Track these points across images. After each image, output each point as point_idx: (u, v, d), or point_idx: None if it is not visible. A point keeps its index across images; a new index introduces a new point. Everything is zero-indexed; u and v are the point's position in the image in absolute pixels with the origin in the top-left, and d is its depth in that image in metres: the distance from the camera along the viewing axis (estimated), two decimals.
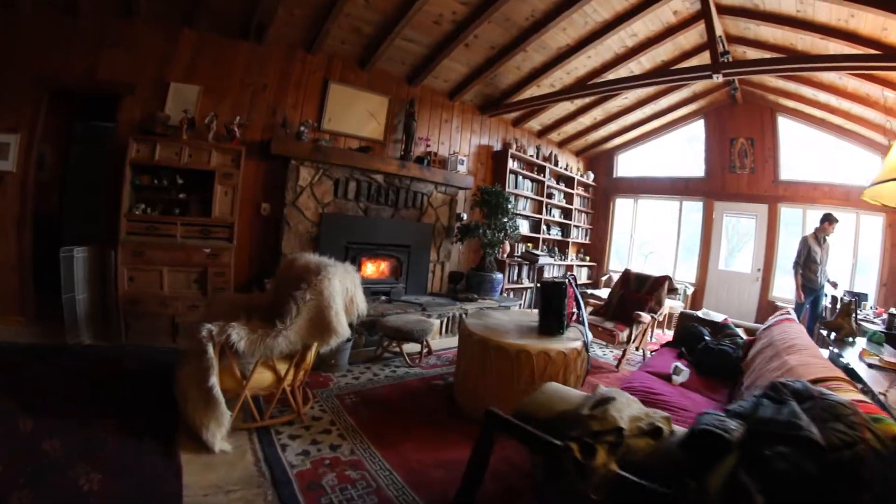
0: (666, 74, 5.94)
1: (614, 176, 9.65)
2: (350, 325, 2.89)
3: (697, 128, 8.47)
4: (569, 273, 4.83)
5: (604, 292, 7.20)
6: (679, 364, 3.11)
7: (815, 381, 1.81)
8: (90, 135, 5.37)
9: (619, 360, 4.77)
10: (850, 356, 3.17)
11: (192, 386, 2.42)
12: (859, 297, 5.46)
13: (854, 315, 3.93)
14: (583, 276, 9.26)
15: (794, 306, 5.75)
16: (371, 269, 5.56)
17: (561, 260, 8.38)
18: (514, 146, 7.37)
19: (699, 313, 4.51)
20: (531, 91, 6.54)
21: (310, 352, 2.80)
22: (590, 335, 3.65)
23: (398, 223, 5.64)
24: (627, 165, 9.67)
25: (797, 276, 5.81)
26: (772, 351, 2.75)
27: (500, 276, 6.40)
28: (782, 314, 3.70)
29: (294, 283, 2.87)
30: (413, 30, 4.86)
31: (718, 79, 5.02)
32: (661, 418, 1.61)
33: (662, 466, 1.43)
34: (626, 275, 5.82)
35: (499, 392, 3.02)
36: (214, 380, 2.40)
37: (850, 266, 6.81)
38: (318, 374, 3.62)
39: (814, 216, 6.88)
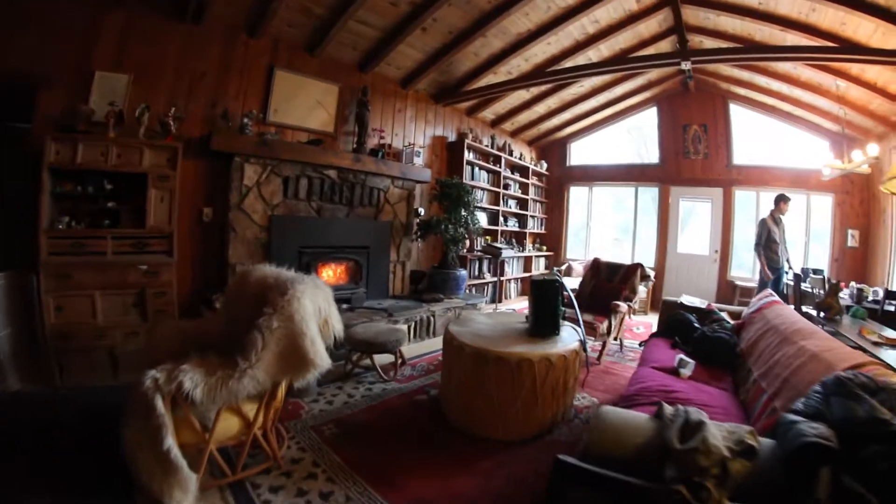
0: (631, 61, 5.99)
1: (567, 164, 9.80)
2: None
3: (649, 116, 8.74)
4: (554, 268, 4.57)
5: (568, 281, 7.14)
6: (683, 356, 3.04)
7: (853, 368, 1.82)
8: (3, 138, 4.58)
9: (600, 353, 4.76)
10: (852, 335, 3.32)
11: (144, 449, 1.96)
12: (816, 273, 5.89)
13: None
14: (540, 266, 9.29)
15: (757, 286, 6.14)
16: (329, 275, 5.20)
17: (519, 251, 8.25)
18: (470, 136, 7.19)
19: (682, 300, 4.50)
20: (488, 79, 6.40)
21: (281, 387, 2.40)
22: (583, 333, 3.47)
23: (355, 222, 5.31)
24: (580, 154, 9.84)
25: (761, 258, 6.05)
26: (776, 336, 2.75)
27: (463, 272, 6.20)
28: (766, 297, 3.78)
29: (251, 304, 2.55)
30: (368, 11, 4.54)
31: (687, 66, 5.14)
32: (747, 433, 1.50)
33: (764, 487, 1.37)
34: (597, 264, 5.82)
35: (499, 406, 2.91)
36: (171, 441, 1.96)
37: (803, 244, 7.31)
38: (286, 400, 3.23)
39: (767, 198, 7.41)
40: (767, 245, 5.99)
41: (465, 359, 2.99)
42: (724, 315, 4.02)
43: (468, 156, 7.10)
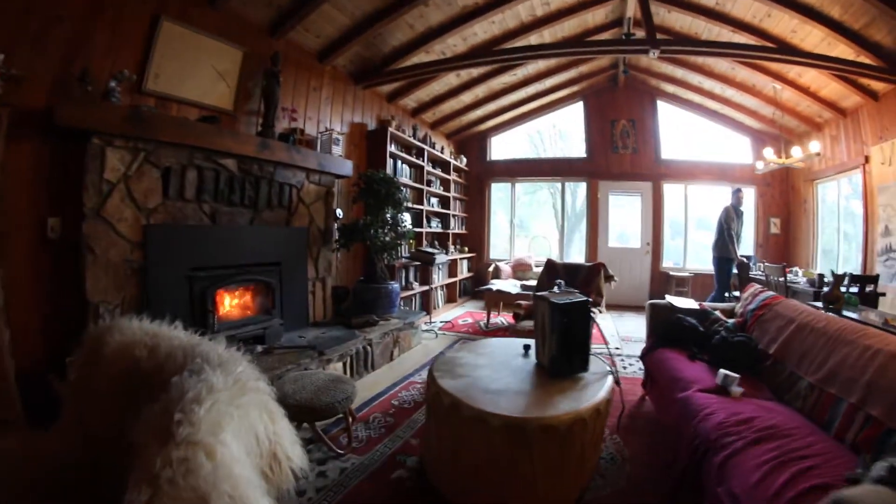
0: (592, 45, 5.57)
1: (488, 159, 9.48)
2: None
3: (573, 111, 8.81)
4: (557, 280, 3.71)
5: (506, 285, 6.64)
6: (727, 373, 2.57)
7: None
8: None
9: None
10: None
11: None
12: (749, 259, 6.56)
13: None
14: (464, 269, 8.60)
15: (716, 276, 6.36)
16: (231, 304, 3.86)
17: (445, 254, 7.37)
18: (393, 124, 6.20)
19: (671, 301, 3.93)
20: (419, 58, 5.47)
21: None
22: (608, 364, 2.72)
23: (262, 231, 4.06)
24: (500, 149, 9.54)
25: (733, 245, 6.12)
26: (817, 336, 2.55)
27: (396, 286, 5.25)
28: (761, 291, 3.56)
29: (116, 406, 1.58)
30: None
31: (654, 55, 4.77)
32: None
33: None
34: (552, 266, 5.30)
35: (544, 488, 2.08)
36: None
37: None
38: None
39: (695, 192, 8.20)
40: (730, 233, 6.10)
41: (488, 434, 2.03)
42: (719, 314, 3.67)
43: (391, 147, 6.10)
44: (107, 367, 1.75)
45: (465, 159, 8.91)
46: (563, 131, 9.95)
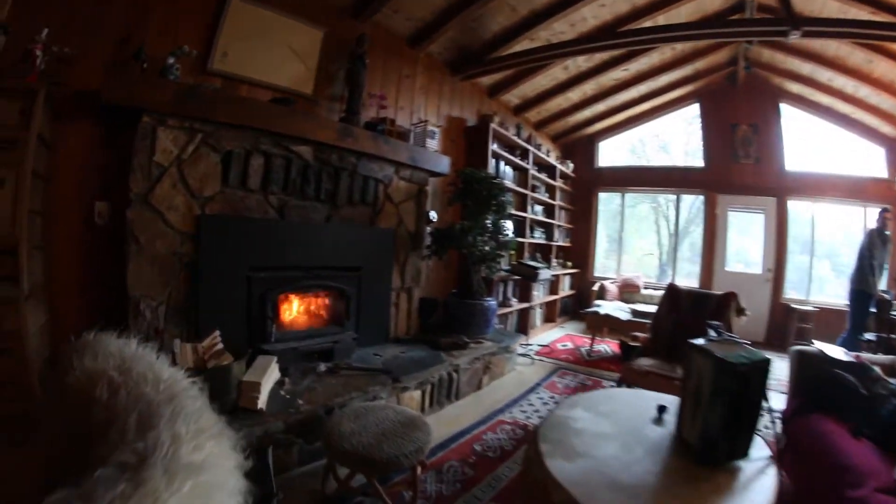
0: (728, 25, 4.54)
1: (596, 166, 8.55)
2: None
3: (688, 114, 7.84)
4: (715, 324, 2.79)
5: (613, 308, 5.77)
6: None
7: None
8: None
9: None
10: None
11: None
12: (889, 294, 5.20)
13: None
14: (566, 286, 7.73)
15: (851, 311, 5.13)
16: (296, 311, 3.38)
17: (549, 269, 6.52)
18: (496, 120, 5.49)
19: (819, 349, 2.93)
20: (522, 46, 4.82)
21: None
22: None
23: (340, 230, 3.54)
24: (608, 155, 8.63)
25: (873, 279, 5.02)
26: None
27: (493, 303, 4.54)
28: None
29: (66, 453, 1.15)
30: None
31: (796, 37, 3.86)
32: None
33: None
34: (674, 293, 4.20)
35: None
36: None
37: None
38: None
39: (821, 210, 7.00)
40: (871, 263, 5.02)
41: None
42: (879, 370, 2.65)
43: (493, 146, 5.39)
44: (64, 400, 1.25)
45: (571, 165, 8.07)
46: (665, 143, 8.84)
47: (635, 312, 5.71)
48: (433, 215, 4.55)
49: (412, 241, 4.20)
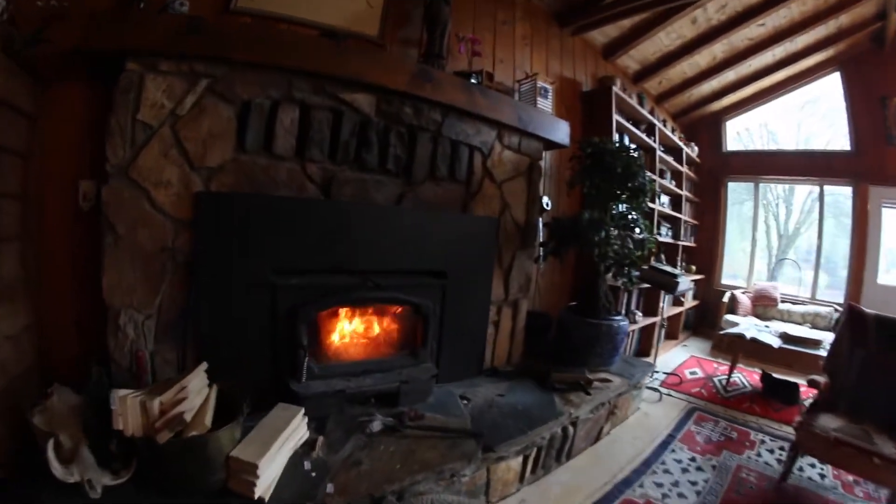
0: None
1: (723, 150, 7.26)
2: None
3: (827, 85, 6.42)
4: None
5: (754, 329, 4.66)
6: None
7: None
8: None
9: None
10: None
11: None
12: None
13: None
14: (689, 295, 6.47)
15: None
16: (346, 336, 2.47)
17: (686, 276, 5.26)
18: (618, 84, 4.47)
19: None
20: None
21: None
22: None
23: (417, 216, 2.54)
24: (735, 138, 7.45)
25: None
26: None
27: (624, 323, 3.37)
28: None
29: None
30: None
31: None
32: None
33: None
34: (859, 318, 3.08)
35: None
36: None
37: None
38: None
39: None
40: None
41: None
42: None
43: (616, 116, 4.34)
44: None
45: (696, 148, 6.90)
46: (772, 131, 7.62)
47: (786, 337, 4.44)
48: (546, 202, 3.45)
49: (521, 236, 3.10)
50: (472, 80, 2.70)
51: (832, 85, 6.35)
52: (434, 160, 2.54)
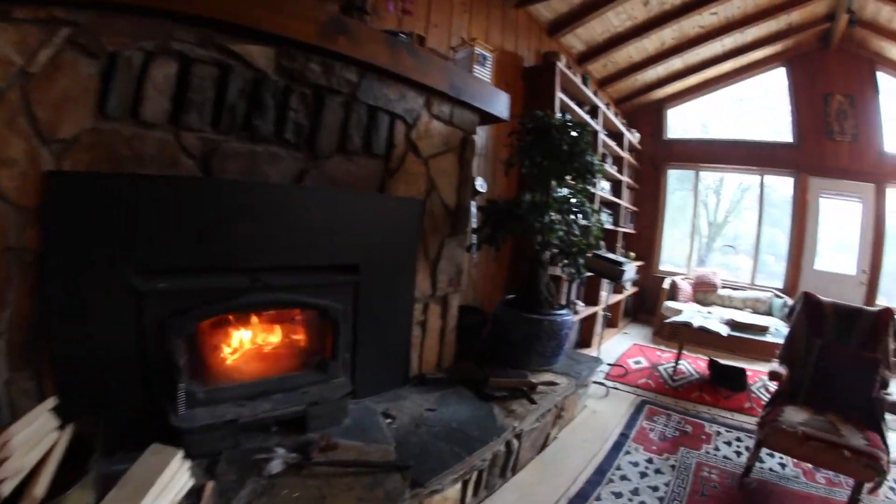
0: None
1: (665, 137, 8.31)
2: None
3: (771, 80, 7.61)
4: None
5: (699, 317, 5.24)
6: None
7: None
8: None
9: None
10: None
11: None
12: None
13: None
14: (628, 284, 7.39)
15: None
16: (238, 351, 2.33)
17: (631, 264, 5.73)
18: (563, 62, 4.72)
19: None
20: None
21: None
22: None
23: (322, 197, 2.39)
24: (675, 125, 8.50)
25: None
26: None
27: (569, 317, 3.49)
28: None
29: None
30: None
31: None
32: None
33: None
34: (815, 305, 3.55)
35: None
36: None
37: None
38: None
39: None
40: None
41: None
42: None
43: (560, 95, 4.57)
44: None
45: (637, 134, 7.74)
46: (713, 122, 8.69)
47: (734, 324, 5.00)
48: (481, 183, 3.42)
49: (451, 221, 3.04)
50: (401, 37, 2.56)
51: (776, 79, 7.42)
52: (346, 129, 2.40)
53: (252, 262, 2.11)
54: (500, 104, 3.19)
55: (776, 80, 7.51)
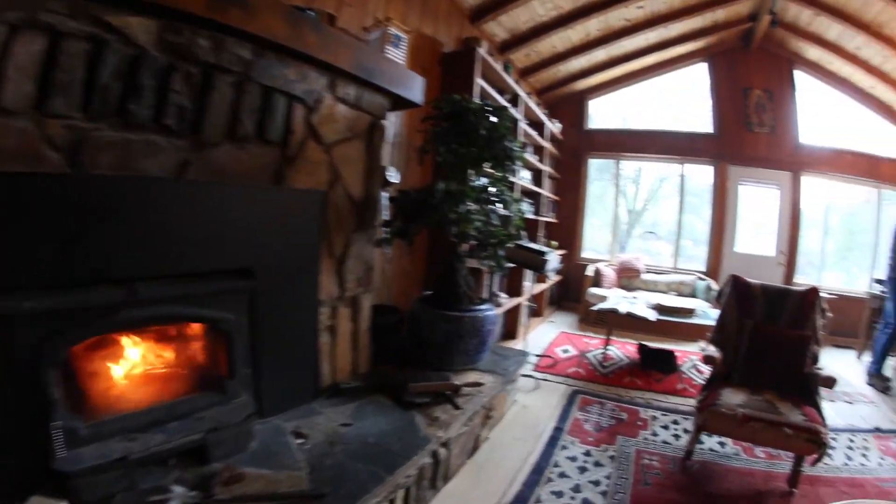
0: None
1: (586, 127, 9.06)
2: None
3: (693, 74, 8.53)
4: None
5: (626, 303, 5.61)
6: None
7: None
8: None
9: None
10: None
11: None
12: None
13: None
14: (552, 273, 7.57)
15: (890, 301, 5.38)
16: (124, 371, 2.17)
17: (555, 253, 5.91)
18: (484, 48, 4.83)
19: None
20: None
21: None
22: None
23: (209, 192, 2.24)
24: (598, 117, 9.30)
25: None
26: None
27: (491, 312, 3.55)
28: None
29: None
30: None
31: None
32: None
33: None
34: (744, 289, 3.82)
35: None
36: None
37: (872, 246, 7.68)
38: None
39: (840, 188, 8.12)
40: None
41: None
42: None
43: (480, 81, 4.66)
44: None
45: (559, 125, 8.28)
46: (635, 112, 9.37)
47: (661, 308, 5.43)
48: (393, 173, 3.41)
49: (358, 214, 2.98)
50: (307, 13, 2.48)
51: (698, 73, 8.26)
52: (237, 113, 2.25)
53: (130, 272, 1.93)
54: (414, 88, 3.18)
55: (698, 74, 8.32)
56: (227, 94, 2.21)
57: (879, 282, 6.23)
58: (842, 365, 5.78)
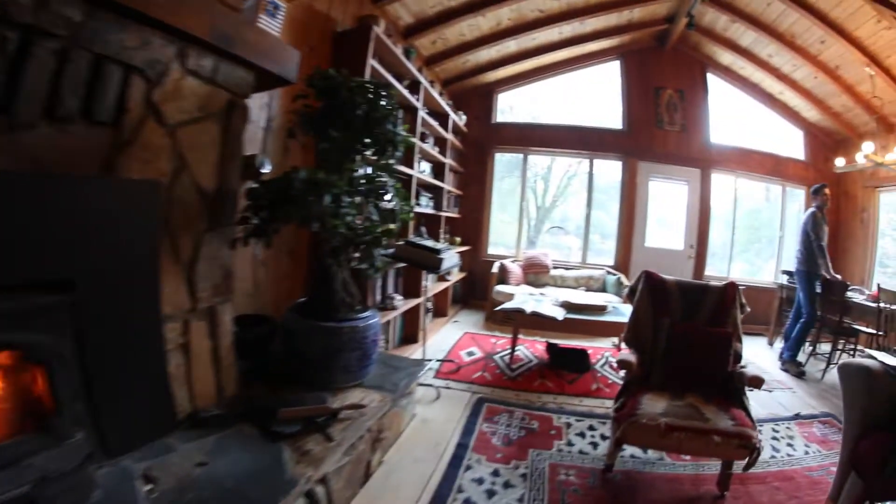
0: None
1: (493, 121, 9.58)
2: None
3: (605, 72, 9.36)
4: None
5: (532, 302, 5.74)
6: None
7: None
8: None
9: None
10: None
11: None
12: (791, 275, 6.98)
13: None
14: (454, 271, 7.98)
15: (803, 296, 6.28)
16: None
17: (452, 251, 5.98)
18: (381, 28, 4.87)
19: (885, 361, 2.87)
20: None
21: None
22: None
23: (17, 185, 1.90)
24: (505, 112, 9.86)
25: (826, 260, 6.21)
26: None
27: (375, 320, 3.48)
28: None
29: None
30: None
31: None
32: None
33: None
34: (658, 286, 3.90)
35: None
36: None
37: (777, 238, 9.19)
38: None
39: (745, 185, 9.36)
40: (819, 244, 6.20)
41: None
42: None
43: (374, 62, 4.73)
44: None
45: (464, 117, 8.67)
46: (542, 107, 10.03)
47: (570, 306, 5.59)
48: (264, 163, 3.22)
49: (210, 211, 2.76)
50: None
51: (609, 70, 9.13)
52: (57, 87, 1.97)
53: None
54: (287, 62, 3.01)
55: (609, 71, 9.19)
56: (48, 64, 1.92)
57: (788, 273, 7.11)
58: (754, 352, 6.51)
